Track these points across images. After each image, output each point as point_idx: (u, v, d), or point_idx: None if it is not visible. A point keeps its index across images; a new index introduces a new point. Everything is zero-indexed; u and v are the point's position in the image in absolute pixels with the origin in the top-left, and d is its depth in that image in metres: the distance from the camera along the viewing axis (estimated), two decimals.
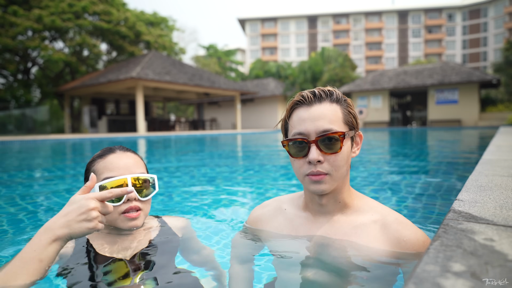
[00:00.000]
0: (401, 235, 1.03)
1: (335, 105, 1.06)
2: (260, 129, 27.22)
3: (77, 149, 9.72)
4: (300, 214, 1.19)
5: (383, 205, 1.15)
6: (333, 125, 1.02)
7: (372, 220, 1.08)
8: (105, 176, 1.16)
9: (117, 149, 1.24)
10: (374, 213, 1.10)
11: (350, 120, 1.07)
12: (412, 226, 1.06)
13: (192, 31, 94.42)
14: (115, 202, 1.14)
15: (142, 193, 1.19)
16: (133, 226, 1.17)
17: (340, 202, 1.11)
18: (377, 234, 1.05)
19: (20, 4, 22.77)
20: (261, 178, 3.93)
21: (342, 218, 1.11)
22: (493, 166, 2.09)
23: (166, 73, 20.25)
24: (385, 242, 1.04)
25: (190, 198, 2.83)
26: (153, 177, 1.25)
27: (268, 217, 1.29)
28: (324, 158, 1.02)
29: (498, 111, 24.63)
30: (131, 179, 1.16)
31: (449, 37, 67.72)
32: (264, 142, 11.62)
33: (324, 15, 71.12)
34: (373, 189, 2.99)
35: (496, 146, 3.90)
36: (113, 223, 1.17)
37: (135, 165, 1.22)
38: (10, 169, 5.06)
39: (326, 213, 1.13)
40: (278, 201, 1.32)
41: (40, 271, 0.89)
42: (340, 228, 1.10)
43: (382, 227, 1.06)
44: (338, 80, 29.84)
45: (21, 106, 24.82)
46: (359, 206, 1.13)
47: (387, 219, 1.07)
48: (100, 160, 1.21)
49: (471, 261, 0.63)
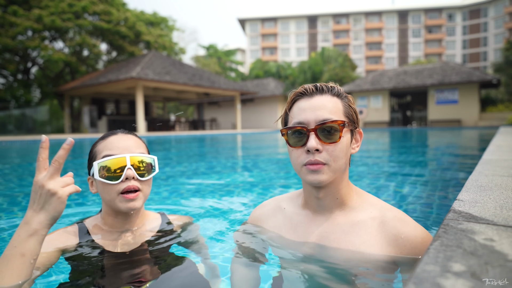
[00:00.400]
0: (398, 232, 1.02)
1: (336, 98, 1.07)
2: (260, 129, 27.22)
3: (76, 149, 9.72)
4: (299, 212, 1.19)
5: (384, 201, 1.14)
6: (333, 115, 1.03)
7: (370, 217, 1.07)
8: (105, 154, 1.16)
9: (119, 132, 1.25)
10: (373, 210, 1.09)
11: (350, 114, 1.08)
12: (411, 223, 1.05)
13: (192, 31, 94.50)
14: (113, 181, 1.13)
15: (140, 173, 1.17)
16: (132, 207, 1.15)
17: (338, 199, 1.10)
18: (375, 231, 1.05)
19: (20, 4, 22.75)
20: (261, 178, 3.93)
21: (340, 216, 1.10)
22: (493, 166, 2.09)
23: (166, 73, 20.25)
24: (383, 239, 1.03)
25: (190, 198, 2.83)
26: (153, 158, 1.24)
27: (268, 216, 1.29)
28: (323, 148, 1.02)
29: (498, 111, 24.63)
30: (129, 158, 1.15)
31: (449, 37, 67.71)
32: (265, 142, 11.62)
33: (324, 15, 71.12)
34: (373, 189, 2.99)
35: (496, 146, 3.90)
36: (112, 204, 1.16)
37: (135, 146, 1.22)
38: (9, 169, 5.06)
39: (324, 210, 1.12)
40: (277, 200, 1.32)
41: (24, 267, 0.88)
42: (338, 226, 1.09)
43: (380, 224, 1.05)
44: (338, 80, 29.84)
45: (21, 106, 24.82)
46: (358, 203, 1.12)
47: (386, 216, 1.06)
48: (102, 141, 1.22)
49: (471, 261, 0.63)
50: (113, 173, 1.13)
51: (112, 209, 1.19)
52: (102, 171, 1.13)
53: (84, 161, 6.38)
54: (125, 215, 1.20)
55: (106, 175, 1.13)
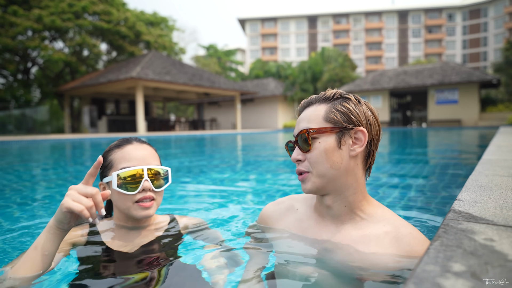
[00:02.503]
0: (412, 249, 0.98)
1: (323, 104, 1.07)
2: (260, 129, 27.22)
3: (76, 149, 9.72)
4: (311, 215, 1.19)
5: (398, 216, 1.11)
6: (310, 124, 1.06)
7: (384, 231, 1.04)
8: (123, 166, 1.20)
9: (134, 141, 1.29)
10: (387, 224, 1.06)
11: (335, 117, 1.04)
12: (426, 241, 1.02)
13: (192, 31, 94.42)
14: (131, 191, 1.18)
15: (156, 184, 1.23)
16: (146, 215, 1.20)
17: (346, 206, 1.08)
18: (387, 245, 1.01)
19: (20, 4, 22.75)
20: (261, 178, 3.93)
21: (350, 225, 1.08)
22: (493, 166, 2.09)
23: (166, 73, 20.25)
24: (395, 254, 1.00)
25: (189, 198, 2.83)
26: (167, 170, 1.30)
27: (280, 215, 1.29)
28: (304, 157, 1.07)
29: (498, 111, 24.62)
30: (147, 170, 1.20)
31: (449, 37, 67.71)
32: (265, 142, 11.62)
33: (324, 15, 71.12)
34: (372, 189, 2.99)
35: (496, 146, 3.90)
36: (127, 211, 1.21)
37: (150, 156, 1.26)
38: (10, 169, 5.06)
39: (334, 217, 1.11)
40: (292, 199, 1.32)
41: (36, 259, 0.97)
42: (347, 234, 1.07)
43: (393, 239, 1.02)
44: (338, 80, 29.84)
45: (21, 106, 24.81)
46: (371, 214, 1.09)
47: (400, 232, 1.03)
48: (117, 150, 1.25)
49: (471, 261, 0.63)
50: (130, 184, 1.18)
51: (126, 215, 1.24)
52: (120, 182, 1.17)
53: (85, 162, 6.37)
54: (136, 220, 1.25)
55: (123, 186, 1.17)
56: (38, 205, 2.62)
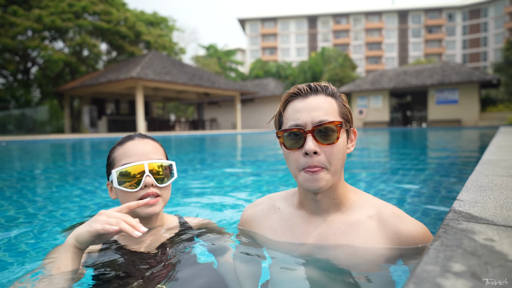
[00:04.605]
0: (399, 229, 1.01)
1: (330, 98, 1.05)
2: (260, 129, 27.22)
3: (77, 149, 9.71)
4: (295, 213, 1.16)
5: (378, 198, 1.13)
6: (328, 116, 1.01)
7: (367, 216, 1.06)
8: (123, 162, 1.17)
9: (136, 136, 1.26)
10: (370, 208, 1.08)
11: (345, 113, 1.06)
12: (410, 219, 1.04)
13: (192, 31, 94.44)
14: (133, 188, 1.14)
15: (160, 179, 1.19)
16: (151, 213, 1.17)
17: (334, 199, 1.08)
18: (374, 230, 1.03)
19: (20, 4, 22.76)
20: (261, 178, 3.93)
21: (338, 216, 1.09)
22: (493, 166, 2.09)
23: (166, 73, 20.25)
24: (384, 238, 1.02)
25: (190, 198, 2.83)
26: (172, 164, 1.25)
27: (262, 216, 1.25)
28: (321, 150, 0.99)
29: (498, 111, 24.63)
30: (148, 165, 1.16)
31: (449, 37, 67.71)
32: (265, 142, 11.62)
33: (324, 15, 71.12)
34: (372, 189, 2.99)
35: (496, 146, 3.89)
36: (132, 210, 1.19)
37: (153, 151, 1.23)
38: (10, 168, 5.06)
39: (321, 211, 1.10)
40: (271, 199, 1.28)
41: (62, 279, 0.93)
42: (336, 227, 1.07)
43: (378, 222, 1.04)
44: (338, 80, 29.86)
45: (21, 106, 24.81)
46: (354, 202, 1.10)
47: (382, 213, 1.05)
48: (119, 147, 1.23)
49: (471, 261, 0.63)
50: (131, 180, 1.15)
51: (132, 214, 1.21)
52: (121, 179, 1.14)
53: (85, 163, 6.37)
54: (145, 218, 1.22)
55: (125, 183, 1.14)
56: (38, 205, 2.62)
